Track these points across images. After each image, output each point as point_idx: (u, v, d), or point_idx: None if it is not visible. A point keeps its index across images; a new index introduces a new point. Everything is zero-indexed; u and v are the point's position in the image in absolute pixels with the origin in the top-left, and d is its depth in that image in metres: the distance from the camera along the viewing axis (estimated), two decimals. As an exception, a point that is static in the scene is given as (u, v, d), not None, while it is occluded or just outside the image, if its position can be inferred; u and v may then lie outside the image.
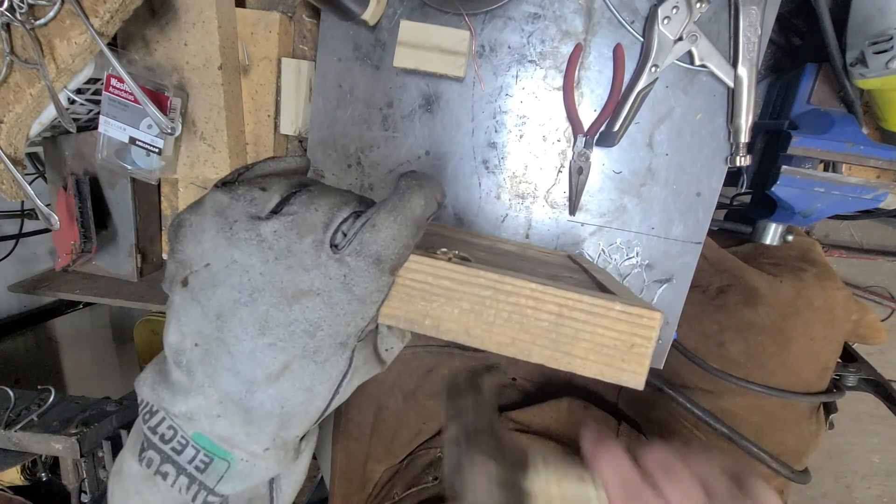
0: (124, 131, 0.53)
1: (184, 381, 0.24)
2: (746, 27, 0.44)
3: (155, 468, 0.24)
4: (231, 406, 0.24)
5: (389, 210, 0.24)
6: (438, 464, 0.61)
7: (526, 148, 0.51)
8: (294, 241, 0.23)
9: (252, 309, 0.23)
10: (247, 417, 0.24)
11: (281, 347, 0.23)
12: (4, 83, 0.47)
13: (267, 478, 0.26)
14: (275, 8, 0.58)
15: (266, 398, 0.24)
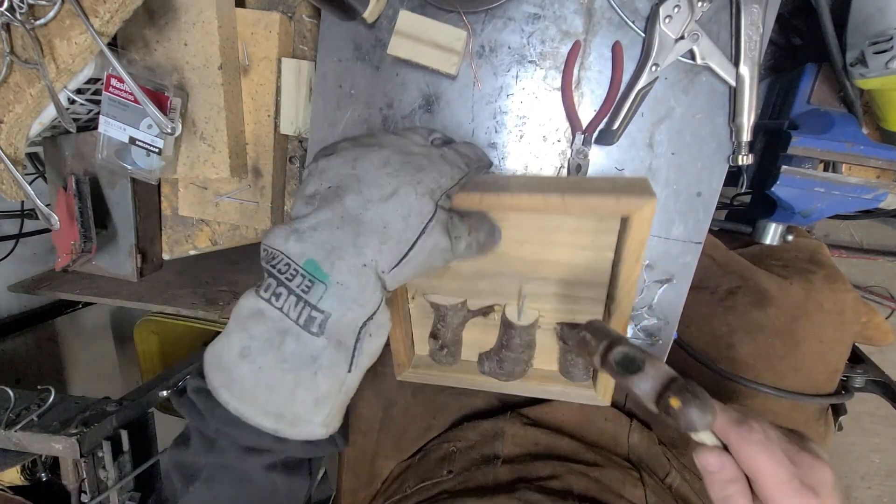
0: (124, 131, 0.53)
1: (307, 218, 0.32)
2: (748, 26, 0.44)
3: (271, 292, 0.31)
4: (349, 219, 0.31)
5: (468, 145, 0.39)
6: (452, 458, 0.61)
7: (526, 148, 0.51)
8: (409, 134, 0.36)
9: (379, 152, 0.34)
10: (357, 230, 0.31)
11: (395, 175, 0.32)
12: (4, 83, 0.47)
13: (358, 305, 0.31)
14: (275, 8, 0.58)
15: (375, 215, 0.31)
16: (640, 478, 0.55)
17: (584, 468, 0.55)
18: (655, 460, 0.58)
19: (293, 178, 0.65)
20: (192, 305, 0.73)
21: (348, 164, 0.33)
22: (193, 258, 0.71)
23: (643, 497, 0.52)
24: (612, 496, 0.52)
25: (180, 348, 1.12)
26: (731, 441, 0.32)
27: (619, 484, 0.53)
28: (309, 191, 0.34)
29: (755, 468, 0.31)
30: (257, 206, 0.63)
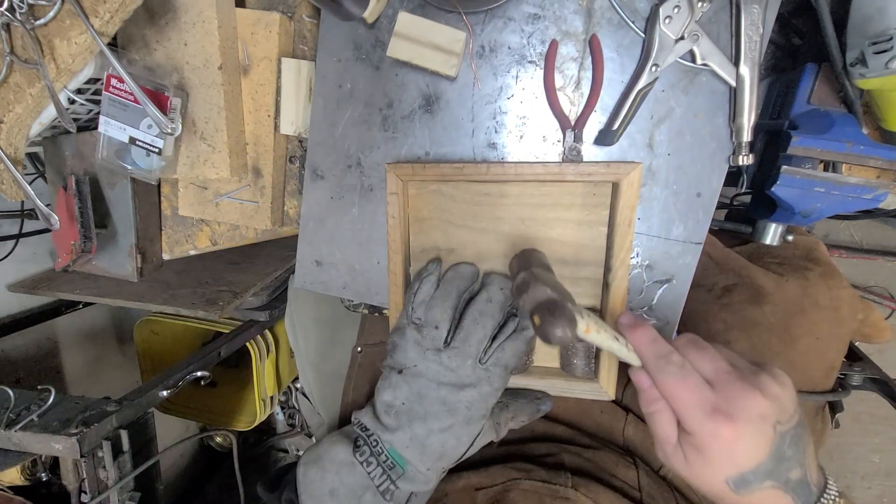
0: (124, 131, 0.53)
1: (391, 422, 0.44)
2: (748, 26, 0.44)
3: (364, 458, 0.42)
4: (416, 442, 0.43)
5: (513, 339, 0.44)
6: None
7: (526, 148, 0.51)
8: (459, 364, 0.43)
9: (437, 392, 0.43)
10: (423, 449, 0.43)
11: (451, 415, 0.43)
12: (4, 83, 0.47)
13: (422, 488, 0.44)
14: (275, 8, 0.58)
15: (436, 441, 0.43)
16: (634, 462, 0.55)
17: (579, 449, 0.56)
18: (650, 453, 0.59)
19: (293, 178, 0.65)
20: (192, 305, 0.73)
21: (414, 395, 0.44)
22: (193, 258, 0.71)
23: (636, 478, 0.53)
24: (604, 474, 0.53)
25: (180, 348, 1.12)
26: (650, 371, 0.36)
27: (612, 465, 0.54)
28: (387, 398, 0.45)
29: (668, 395, 0.35)
30: (257, 206, 0.63)
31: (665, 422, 0.37)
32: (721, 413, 0.33)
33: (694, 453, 0.35)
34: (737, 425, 0.32)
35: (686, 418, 0.34)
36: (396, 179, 0.48)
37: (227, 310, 0.74)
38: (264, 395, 1.10)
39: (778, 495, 0.34)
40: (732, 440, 0.33)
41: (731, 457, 0.33)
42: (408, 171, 0.48)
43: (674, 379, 0.34)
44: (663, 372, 0.35)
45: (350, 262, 0.57)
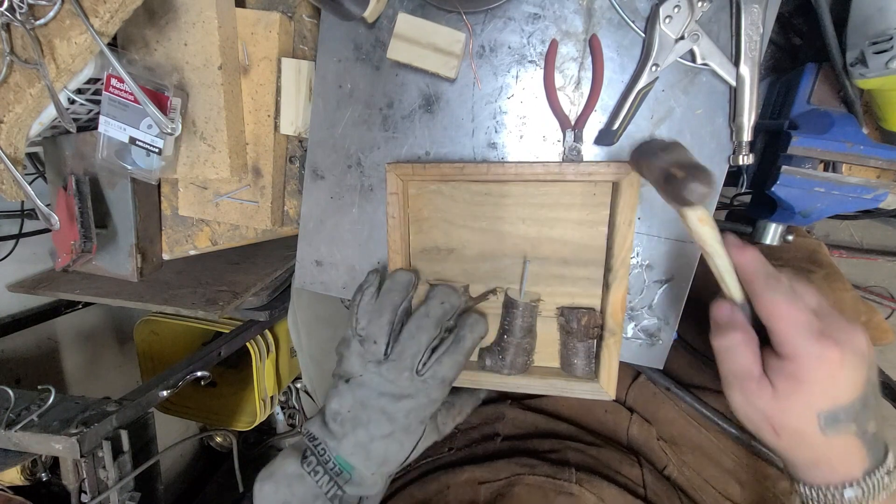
0: (124, 131, 0.53)
1: (337, 429, 0.45)
2: (748, 25, 0.44)
3: (311, 468, 0.44)
4: (360, 448, 0.45)
5: (451, 352, 0.46)
6: (453, 437, 0.62)
7: (526, 148, 0.51)
8: (397, 376, 0.45)
9: (378, 402, 0.45)
10: (367, 455, 0.45)
11: (390, 422, 0.45)
12: (4, 83, 0.47)
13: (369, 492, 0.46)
14: (275, 8, 0.58)
15: (378, 447, 0.45)
16: (638, 461, 0.55)
17: (583, 446, 0.56)
18: (654, 453, 0.59)
19: (293, 178, 0.65)
20: (192, 305, 0.73)
21: (358, 403, 0.46)
22: (193, 258, 0.71)
23: (640, 476, 0.53)
24: (609, 471, 0.53)
25: (180, 348, 1.12)
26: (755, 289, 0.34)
27: (616, 462, 0.54)
28: (334, 406, 0.46)
29: (773, 313, 0.33)
30: (257, 206, 0.63)
31: (748, 355, 0.35)
32: (828, 337, 0.32)
33: (788, 382, 0.33)
34: (843, 352, 0.31)
35: (790, 339, 0.32)
36: (396, 179, 0.48)
37: (227, 310, 0.73)
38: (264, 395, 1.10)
39: (857, 444, 0.33)
40: (837, 366, 0.31)
41: (831, 386, 0.32)
42: (408, 171, 0.48)
43: (784, 297, 0.33)
44: (773, 290, 0.33)
45: (350, 263, 0.57)
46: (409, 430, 0.46)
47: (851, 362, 0.32)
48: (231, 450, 1.34)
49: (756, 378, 0.34)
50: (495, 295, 0.53)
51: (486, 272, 0.52)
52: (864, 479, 0.33)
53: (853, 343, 0.32)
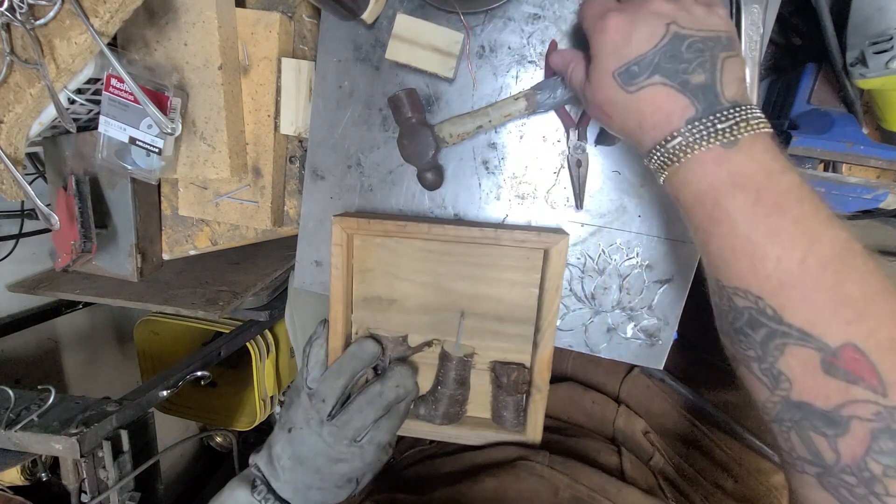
0: (124, 131, 0.53)
1: (279, 472, 0.48)
2: (748, 25, 0.44)
3: (262, 496, 0.48)
4: (300, 494, 0.48)
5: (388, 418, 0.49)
6: None
7: (526, 148, 0.51)
8: (335, 442, 0.47)
9: (314, 461, 0.47)
10: (305, 499, 0.48)
11: (323, 480, 0.47)
12: (4, 83, 0.47)
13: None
14: (275, 8, 0.58)
15: (316, 496, 0.48)
16: (619, 451, 0.55)
17: (563, 438, 0.57)
18: (639, 445, 0.59)
19: (293, 178, 0.65)
20: (192, 305, 0.73)
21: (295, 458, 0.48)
22: (193, 258, 0.71)
23: (619, 463, 0.53)
24: (586, 456, 0.53)
25: (180, 348, 1.12)
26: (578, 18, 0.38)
27: (594, 451, 0.55)
28: (277, 450, 0.49)
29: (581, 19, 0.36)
30: (257, 206, 0.63)
31: (580, 68, 0.38)
32: (613, 10, 0.33)
33: (591, 67, 0.35)
34: (621, 16, 0.32)
35: (586, 31, 0.35)
36: (341, 231, 0.49)
37: (227, 310, 0.73)
38: (264, 395, 1.10)
39: (669, 94, 0.32)
40: (621, 29, 0.32)
41: (619, 47, 0.32)
42: (353, 225, 0.49)
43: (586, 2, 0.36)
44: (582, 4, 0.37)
45: (350, 262, 0.57)
46: (341, 487, 0.48)
47: (639, 19, 0.32)
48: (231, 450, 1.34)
49: (584, 80, 0.37)
50: (431, 347, 0.54)
51: (425, 324, 0.54)
52: (687, 126, 0.31)
53: (645, 7, 0.32)
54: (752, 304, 0.30)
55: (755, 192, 0.30)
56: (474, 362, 0.54)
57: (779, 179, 0.30)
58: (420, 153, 0.48)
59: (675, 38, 0.31)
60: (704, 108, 0.31)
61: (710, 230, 0.32)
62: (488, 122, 0.48)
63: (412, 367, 0.52)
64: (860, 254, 0.29)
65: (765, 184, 0.30)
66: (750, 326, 0.31)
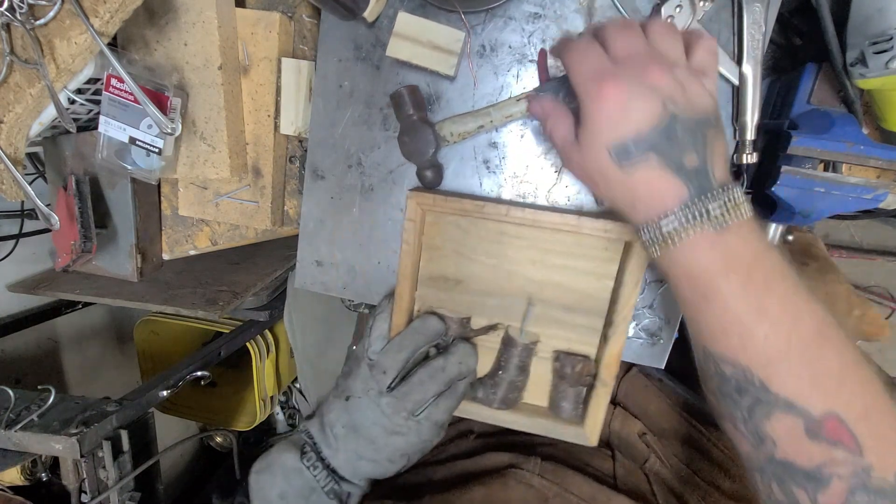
0: (124, 131, 0.53)
1: (331, 441, 0.49)
2: (750, 24, 0.44)
3: (311, 462, 0.47)
4: (349, 463, 0.48)
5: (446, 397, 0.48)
6: None
7: (527, 148, 0.51)
8: (394, 413, 0.46)
9: (370, 431, 0.47)
10: (354, 470, 0.48)
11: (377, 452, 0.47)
12: (4, 83, 0.47)
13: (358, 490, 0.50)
14: (275, 8, 0.58)
15: (366, 467, 0.48)
16: (612, 455, 0.55)
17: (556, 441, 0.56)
18: (634, 447, 0.59)
19: (293, 178, 0.65)
20: (192, 305, 0.73)
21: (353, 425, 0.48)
22: (193, 258, 0.71)
23: (612, 469, 0.53)
24: (577, 462, 0.53)
25: (180, 348, 1.12)
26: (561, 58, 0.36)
27: (587, 455, 0.55)
28: (331, 418, 0.49)
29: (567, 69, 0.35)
30: (257, 206, 0.63)
31: (562, 127, 0.37)
32: (610, 76, 0.32)
33: (582, 131, 0.34)
34: (619, 85, 0.31)
35: (576, 85, 0.33)
36: (416, 207, 0.49)
37: (227, 310, 0.73)
38: (264, 395, 1.10)
39: (664, 176, 0.32)
40: (618, 101, 0.31)
41: (616, 120, 0.32)
42: (428, 202, 0.48)
43: (574, 51, 0.34)
44: (567, 49, 0.34)
45: (350, 263, 0.57)
46: (393, 462, 0.48)
47: (638, 94, 0.31)
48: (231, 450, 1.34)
49: (570, 141, 0.37)
50: (496, 330, 0.54)
51: (489, 307, 0.53)
52: (681, 209, 0.32)
53: (638, 77, 0.31)
54: (740, 374, 0.33)
55: (746, 273, 0.31)
56: (537, 350, 0.53)
57: (765, 259, 0.32)
58: (420, 150, 0.48)
59: (670, 118, 0.32)
60: (697, 191, 0.32)
61: (700, 306, 0.33)
62: (489, 122, 0.48)
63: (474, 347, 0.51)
64: (833, 326, 0.32)
65: (754, 264, 0.32)
66: (737, 392, 0.33)
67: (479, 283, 0.52)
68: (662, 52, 0.33)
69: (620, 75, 0.32)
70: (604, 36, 0.34)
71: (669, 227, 0.32)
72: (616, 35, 0.33)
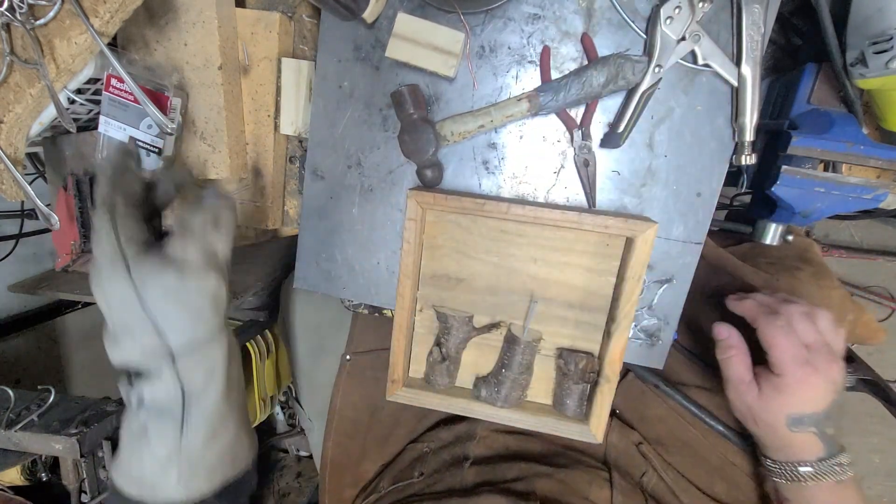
0: (124, 131, 0.53)
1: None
2: (749, 25, 0.44)
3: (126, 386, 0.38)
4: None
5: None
6: (425, 459, 0.61)
7: (526, 149, 0.51)
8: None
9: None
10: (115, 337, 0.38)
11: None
12: (4, 83, 0.47)
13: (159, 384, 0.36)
14: (275, 8, 0.58)
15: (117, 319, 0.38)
16: (610, 478, 0.55)
17: (551, 470, 0.55)
18: (631, 460, 0.58)
19: (293, 178, 0.65)
20: (192, 305, 0.73)
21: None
22: (193, 258, 0.71)
23: (608, 498, 0.53)
24: (575, 498, 0.52)
25: (180, 348, 1.11)
26: (758, 325, 0.46)
27: (584, 485, 0.54)
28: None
29: (770, 343, 0.45)
30: (257, 206, 0.63)
31: (741, 364, 0.47)
32: (811, 365, 0.44)
33: (772, 390, 0.45)
34: (819, 378, 0.44)
35: (781, 363, 0.44)
36: (416, 206, 0.49)
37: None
38: (264, 395, 1.09)
39: (814, 440, 0.45)
40: (811, 387, 0.44)
41: (802, 399, 0.44)
42: (429, 200, 0.48)
43: (779, 331, 0.44)
44: (771, 325, 0.45)
45: (350, 263, 0.57)
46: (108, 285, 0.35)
47: (823, 387, 0.44)
48: (231, 450, 1.33)
49: (747, 382, 0.47)
50: (498, 328, 0.54)
51: (492, 305, 0.53)
52: (817, 463, 0.45)
53: (829, 373, 0.44)
54: None
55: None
56: (540, 347, 0.53)
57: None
58: (421, 149, 0.48)
59: (833, 404, 0.45)
60: (829, 454, 0.45)
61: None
62: (490, 122, 0.48)
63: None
64: None
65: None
66: None
67: (481, 281, 0.52)
68: (829, 342, 0.45)
69: (818, 369, 0.44)
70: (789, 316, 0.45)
71: (805, 471, 0.45)
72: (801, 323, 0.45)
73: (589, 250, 0.50)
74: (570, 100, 0.46)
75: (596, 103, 0.49)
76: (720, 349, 0.48)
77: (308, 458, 1.38)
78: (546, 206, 0.47)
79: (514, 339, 0.52)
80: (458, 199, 0.48)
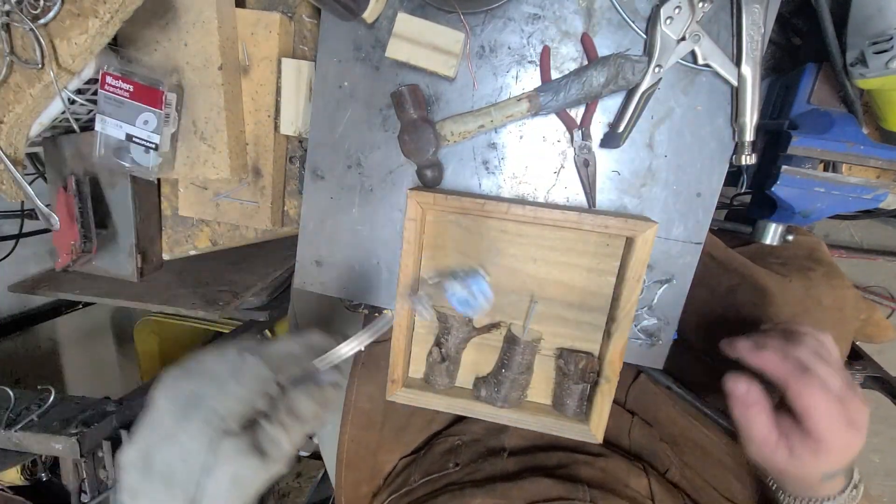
0: (121, 128, 0.53)
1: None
2: (749, 25, 0.44)
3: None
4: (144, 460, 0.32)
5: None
6: (458, 451, 0.61)
7: (526, 149, 0.51)
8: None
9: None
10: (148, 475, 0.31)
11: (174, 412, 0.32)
12: (4, 83, 0.47)
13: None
14: (275, 8, 0.58)
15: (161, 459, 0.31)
16: (644, 469, 0.55)
17: (590, 458, 0.55)
18: (656, 456, 0.59)
19: (293, 178, 0.65)
20: (192, 305, 0.73)
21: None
22: (193, 258, 0.71)
23: (647, 487, 0.53)
24: (618, 485, 0.52)
25: (180, 348, 1.12)
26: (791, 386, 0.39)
27: (624, 474, 0.54)
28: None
29: (811, 412, 0.38)
30: (257, 206, 0.63)
31: (764, 423, 0.40)
32: (855, 428, 0.39)
33: (809, 454, 0.39)
34: (861, 437, 0.39)
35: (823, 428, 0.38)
36: (416, 206, 0.48)
37: (227, 310, 0.73)
38: (264, 395, 1.09)
39: (840, 480, 0.42)
40: (855, 449, 0.39)
41: (840, 459, 0.40)
42: (429, 200, 0.48)
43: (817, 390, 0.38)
44: (807, 385, 0.38)
45: (350, 263, 0.57)
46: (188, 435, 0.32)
47: (860, 442, 0.39)
48: (231, 450, 1.33)
49: (773, 443, 0.40)
50: (498, 329, 0.54)
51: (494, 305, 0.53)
52: (839, 495, 0.42)
53: (864, 424, 0.39)
54: None
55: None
56: (539, 347, 0.53)
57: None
58: (421, 149, 0.48)
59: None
60: (848, 480, 0.43)
61: None
62: (490, 122, 0.48)
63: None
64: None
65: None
66: None
67: None
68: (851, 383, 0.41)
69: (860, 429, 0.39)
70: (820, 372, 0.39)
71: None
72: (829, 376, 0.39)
73: (589, 250, 0.50)
74: (570, 100, 0.46)
75: (596, 103, 0.48)
76: (738, 405, 0.41)
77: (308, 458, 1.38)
78: (546, 206, 0.47)
79: (514, 339, 0.52)
80: (459, 199, 0.48)
